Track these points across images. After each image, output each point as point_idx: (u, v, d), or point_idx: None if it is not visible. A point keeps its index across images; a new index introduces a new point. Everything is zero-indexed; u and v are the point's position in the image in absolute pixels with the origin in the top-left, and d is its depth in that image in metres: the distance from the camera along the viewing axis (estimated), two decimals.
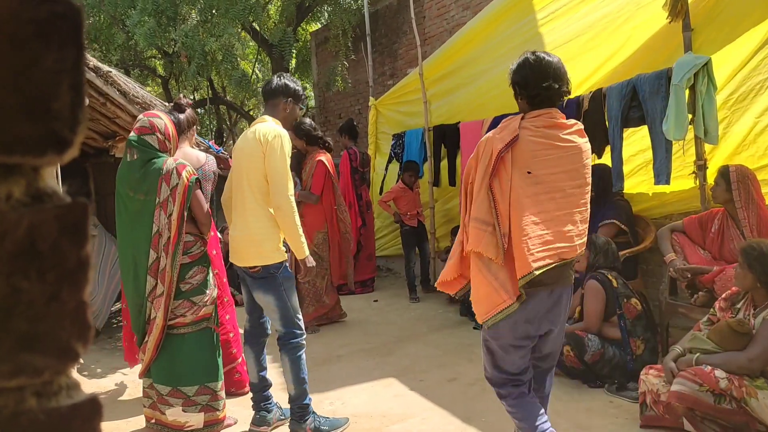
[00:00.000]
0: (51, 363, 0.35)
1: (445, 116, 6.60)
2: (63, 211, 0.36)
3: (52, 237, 0.35)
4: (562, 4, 5.05)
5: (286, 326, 3.22)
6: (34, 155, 0.35)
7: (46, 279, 0.35)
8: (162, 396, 3.14)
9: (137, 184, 3.07)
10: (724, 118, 4.13)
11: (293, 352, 3.24)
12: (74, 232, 0.36)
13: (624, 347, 3.68)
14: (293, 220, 3.09)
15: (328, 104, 10.98)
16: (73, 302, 0.36)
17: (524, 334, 2.39)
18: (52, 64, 0.35)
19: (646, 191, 4.68)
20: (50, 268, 0.35)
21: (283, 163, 3.10)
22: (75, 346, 0.36)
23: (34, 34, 0.34)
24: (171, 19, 8.63)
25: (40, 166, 0.36)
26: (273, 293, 3.17)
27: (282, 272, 3.18)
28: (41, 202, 0.35)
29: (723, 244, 3.81)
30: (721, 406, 2.75)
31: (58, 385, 0.37)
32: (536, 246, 2.26)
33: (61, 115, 0.35)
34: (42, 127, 0.35)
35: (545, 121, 2.36)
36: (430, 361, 4.45)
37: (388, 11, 9.14)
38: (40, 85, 0.34)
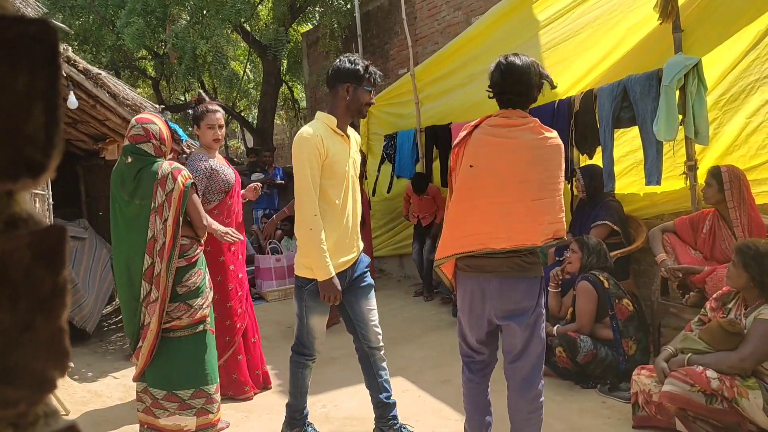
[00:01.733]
0: (26, 394, 0.34)
1: (437, 117, 6.61)
2: (38, 237, 0.35)
3: (25, 264, 0.34)
4: (558, 8, 5.06)
5: (298, 338, 3.12)
6: (6, 181, 0.34)
7: (19, 307, 0.34)
8: (157, 400, 3.12)
9: (133, 188, 3.04)
10: (715, 119, 4.15)
11: (294, 365, 3.17)
12: (50, 258, 0.35)
13: (616, 348, 3.69)
14: (307, 239, 2.80)
15: (319, 105, 10.94)
16: (48, 330, 0.35)
17: (470, 309, 2.60)
18: (24, 87, 0.34)
19: (638, 192, 4.69)
20: (23, 296, 0.34)
21: (300, 173, 2.79)
22: (51, 375, 0.35)
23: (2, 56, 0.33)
24: (160, 20, 8.58)
25: (13, 191, 0.35)
26: (297, 302, 3.04)
27: (308, 289, 2.95)
28: (15, 227, 0.34)
29: (714, 244, 3.83)
30: (713, 406, 2.76)
31: (35, 414, 0.36)
32: (457, 235, 2.50)
33: (34, 138, 0.34)
34: (13, 152, 0.34)
35: (498, 121, 2.49)
36: (424, 362, 4.44)
37: (379, 12, 9.13)
38: (10, 108, 0.33)
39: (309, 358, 3.15)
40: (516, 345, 2.54)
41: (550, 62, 5.19)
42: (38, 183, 0.36)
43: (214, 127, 3.80)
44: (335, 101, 2.93)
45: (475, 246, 2.46)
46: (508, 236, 2.43)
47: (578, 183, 4.63)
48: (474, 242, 2.46)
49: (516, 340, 2.53)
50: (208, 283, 3.26)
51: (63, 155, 0.37)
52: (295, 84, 13.73)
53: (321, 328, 3.09)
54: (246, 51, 12.73)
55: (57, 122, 0.35)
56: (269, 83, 10.69)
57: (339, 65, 2.91)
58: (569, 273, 4.07)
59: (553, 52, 5.14)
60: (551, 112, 4.89)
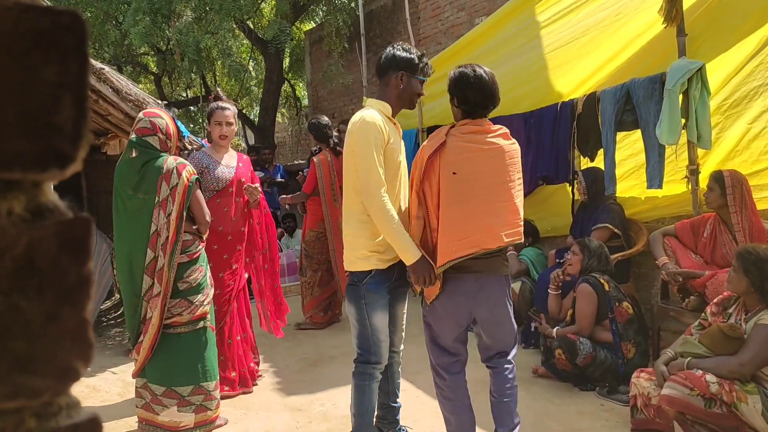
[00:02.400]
0: (50, 384, 0.35)
1: (439, 117, 6.61)
2: (64, 227, 0.35)
3: (52, 254, 0.34)
4: (560, 8, 5.06)
5: (360, 346, 2.85)
6: (34, 171, 0.34)
7: (46, 297, 0.34)
8: (156, 396, 3.12)
9: (137, 182, 3.04)
10: (718, 124, 4.15)
11: (360, 377, 2.87)
12: (76, 249, 0.35)
13: (615, 351, 3.69)
14: (387, 223, 2.62)
15: (321, 103, 10.96)
16: (73, 321, 0.35)
17: (454, 309, 2.73)
18: (54, 77, 0.34)
19: (639, 195, 4.69)
20: (49, 286, 0.34)
21: (366, 152, 2.63)
22: (75, 365, 0.35)
23: (34, 46, 0.33)
24: (165, 17, 8.59)
25: (41, 182, 0.35)
26: (354, 304, 2.80)
27: (367, 284, 2.76)
28: (42, 218, 0.34)
29: (715, 249, 3.83)
30: (712, 410, 2.76)
31: (58, 405, 0.36)
32: (455, 239, 2.59)
33: (63, 129, 0.34)
34: (42, 142, 0.34)
35: (471, 128, 2.66)
36: (421, 362, 4.43)
37: (382, 11, 9.13)
38: (41, 98, 0.33)
39: (377, 367, 2.86)
40: (494, 337, 2.80)
41: (553, 64, 5.20)
42: (65, 174, 0.36)
43: (221, 123, 3.83)
44: (387, 89, 2.83)
45: (474, 248, 2.58)
46: (500, 235, 2.60)
47: (580, 185, 4.63)
48: (471, 245, 2.58)
49: (494, 333, 2.77)
50: (209, 280, 3.26)
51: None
52: (297, 82, 13.74)
53: (385, 327, 2.84)
54: (248, 48, 12.73)
55: (85, 113, 0.35)
56: (271, 81, 10.68)
57: (394, 53, 2.81)
58: (569, 275, 4.07)
59: (556, 54, 5.14)
60: (554, 114, 4.89)
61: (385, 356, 2.88)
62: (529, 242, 5.13)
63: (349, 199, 2.77)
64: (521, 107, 5.36)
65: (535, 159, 5.09)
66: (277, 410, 3.73)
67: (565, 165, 4.81)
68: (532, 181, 5.18)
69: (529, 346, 4.56)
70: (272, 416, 3.64)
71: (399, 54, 2.80)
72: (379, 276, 2.77)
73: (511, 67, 5.59)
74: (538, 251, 5.08)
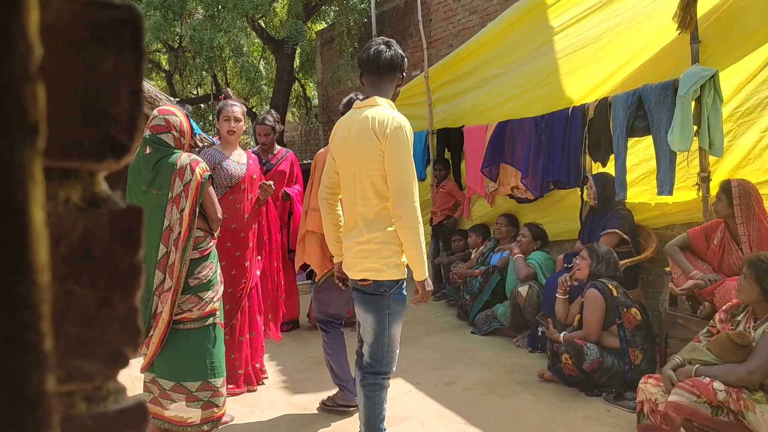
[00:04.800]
0: (101, 368, 0.35)
1: (449, 120, 6.62)
2: (117, 216, 0.35)
3: (106, 242, 0.35)
4: (574, 14, 5.06)
5: (373, 356, 2.74)
6: (91, 160, 0.35)
7: (99, 284, 0.35)
8: (165, 391, 3.14)
9: (151, 178, 3.06)
10: (730, 131, 4.13)
11: (370, 388, 2.76)
12: (127, 238, 0.36)
13: (623, 357, 3.68)
14: (417, 234, 2.55)
15: (331, 104, 10.97)
16: (124, 307, 0.36)
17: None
18: (111, 69, 0.34)
19: (649, 201, 4.68)
20: (103, 273, 0.35)
21: (408, 162, 2.54)
22: (125, 351, 0.36)
23: (92, 38, 0.34)
24: (177, 14, 8.63)
25: (96, 171, 0.36)
26: (375, 314, 2.69)
27: (394, 293, 2.68)
28: (96, 207, 0.35)
29: (723, 257, 3.80)
30: (719, 418, 2.75)
31: (107, 390, 0.37)
32: None
33: (120, 120, 0.35)
34: (100, 132, 0.35)
35: None
36: (427, 364, 4.45)
37: (394, 13, 9.14)
38: (98, 89, 0.34)
39: (387, 377, 2.79)
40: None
41: (565, 69, 5.19)
42: (120, 164, 0.37)
43: (230, 119, 3.86)
44: (388, 88, 2.73)
45: None
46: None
47: (590, 190, 4.62)
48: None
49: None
50: (219, 276, 3.28)
51: None
52: (308, 82, 13.76)
53: (398, 339, 2.81)
54: (260, 47, 12.78)
55: (140, 105, 0.36)
56: (282, 80, 10.71)
57: (399, 52, 2.72)
58: (577, 280, 4.06)
59: (569, 59, 5.14)
60: (565, 118, 4.89)
61: (394, 366, 2.82)
62: (537, 246, 5.13)
63: (369, 205, 2.62)
64: (532, 111, 5.36)
65: (545, 163, 5.09)
66: (283, 408, 3.74)
67: (576, 170, 4.80)
68: (542, 185, 5.17)
69: (535, 350, 4.56)
70: (278, 413, 3.65)
71: (401, 54, 2.74)
72: (403, 285, 2.73)
73: (523, 72, 5.59)
74: (546, 255, 5.08)
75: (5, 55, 0.26)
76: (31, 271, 0.27)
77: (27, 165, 0.27)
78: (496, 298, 5.24)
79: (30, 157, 0.27)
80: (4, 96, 0.26)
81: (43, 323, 0.28)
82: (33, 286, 0.27)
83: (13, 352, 0.27)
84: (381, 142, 2.55)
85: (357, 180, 2.64)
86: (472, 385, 3.96)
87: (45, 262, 0.28)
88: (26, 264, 0.27)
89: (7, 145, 0.26)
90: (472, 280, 5.50)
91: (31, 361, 0.27)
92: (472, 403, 3.68)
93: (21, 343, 0.27)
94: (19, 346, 0.27)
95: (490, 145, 5.67)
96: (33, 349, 0.27)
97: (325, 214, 2.93)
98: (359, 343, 2.92)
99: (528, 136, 5.30)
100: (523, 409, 3.56)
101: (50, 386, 0.28)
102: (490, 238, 5.92)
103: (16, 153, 0.27)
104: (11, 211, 0.26)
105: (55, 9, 0.31)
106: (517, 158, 5.44)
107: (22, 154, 0.27)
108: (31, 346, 0.27)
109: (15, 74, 0.26)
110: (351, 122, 2.70)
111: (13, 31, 0.26)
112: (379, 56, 2.67)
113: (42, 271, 0.28)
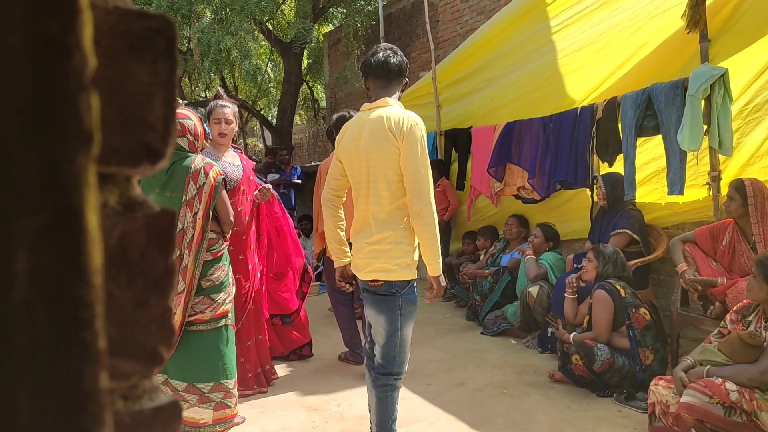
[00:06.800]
0: (138, 367, 0.36)
1: (456, 120, 6.63)
2: (152, 219, 0.37)
3: (142, 245, 0.36)
4: (575, 11, 5.06)
5: (385, 356, 2.73)
6: (128, 165, 0.36)
7: (135, 286, 0.36)
8: (178, 392, 3.16)
9: (165, 181, 3.09)
10: (738, 129, 4.11)
11: (383, 390, 2.75)
12: (162, 240, 0.37)
13: (633, 357, 3.67)
14: (434, 231, 2.61)
15: (339, 106, 11.00)
16: (159, 308, 0.37)
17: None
18: (146, 78, 0.36)
19: (659, 200, 4.66)
20: (139, 275, 0.36)
21: (426, 160, 2.59)
22: (160, 350, 0.37)
23: (128, 48, 0.35)
24: (185, 17, 8.68)
25: (132, 176, 0.37)
26: (386, 315, 2.69)
27: (406, 294, 2.69)
28: (133, 210, 0.36)
29: (733, 257, 3.79)
30: (731, 419, 2.74)
31: (143, 388, 0.38)
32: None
33: (155, 127, 0.36)
34: (136, 139, 0.36)
35: None
36: (437, 365, 4.45)
37: (401, 14, 9.16)
38: (135, 97, 0.35)
39: (399, 378, 2.79)
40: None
41: (569, 68, 5.19)
42: (155, 169, 0.38)
43: (220, 121, 3.72)
44: (395, 91, 2.77)
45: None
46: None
47: (599, 191, 4.61)
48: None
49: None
50: (231, 278, 3.30)
51: None
52: (316, 84, 13.80)
53: (410, 340, 2.81)
54: (268, 50, 12.82)
55: (173, 112, 0.37)
56: (290, 82, 10.75)
57: (404, 59, 2.77)
58: (585, 281, 4.06)
59: (572, 58, 5.14)
60: (573, 118, 4.89)
61: (406, 367, 2.82)
62: (550, 246, 5.12)
63: (381, 204, 2.64)
64: (538, 111, 5.36)
65: (553, 163, 5.08)
66: (294, 409, 3.76)
67: (584, 170, 4.80)
68: (549, 186, 5.17)
69: (545, 351, 4.55)
70: (289, 415, 3.66)
71: (406, 60, 2.79)
72: (414, 285, 2.74)
73: (527, 71, 5.59)
74: (558, 256, 5.07)
75: (63, 66, 0.27)
76: (87, 273, 0.29)
77: (83, 171, 0.28)
78: (506, 299, 5.24)
79: (85, 164, 0.28)
80: (62, 106, 0.27)
81: (98, 322, 0.29)
82: (89, 287, 0.29)
83: (71, 350, 0.28)
84: (398, 140, 2.57)
85: (371, 179, 2.65)
86: (482, 386, 3.96)
87: (99, 264, 0.30)
88: (83, 266, 0.28)
89: (65, 153, 0.27)
90: (482, 280, 5.49)
91: (87, 359, 0.28)
92: (482, 404, 3.68)
93: (77, 342, 0.28)
94: (76, 345, 0.28)
95: (497, 146, 5.67)
96: (88, 347, 0.28)
97: (328, 217, 2.93)
98: (369, 344, 2.93)
99: (536, 136, 5.30)
100: (534, 410, 3.55)
101: (104, 383, 0.29)
102: (499, 239, 5.92)
103: (73, 160, 0.28)
104: (69, 216, 0.27)
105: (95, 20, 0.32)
106: (524, 158, 5.44)
107: (79, 162, 0.28)
108: (86, 344, 0.28)
109: (72, 85, 0.27)
110: (361, 124, 2.72)
111: (69, 43, 0.27)
112: (388, 61, 2.72)
113: (96, 272, 0.29)
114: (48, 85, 0.27)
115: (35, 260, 0.27)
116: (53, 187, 0.27)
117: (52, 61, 0.27)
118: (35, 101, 0.26)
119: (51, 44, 0.27)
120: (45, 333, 0.27)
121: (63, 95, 0.27)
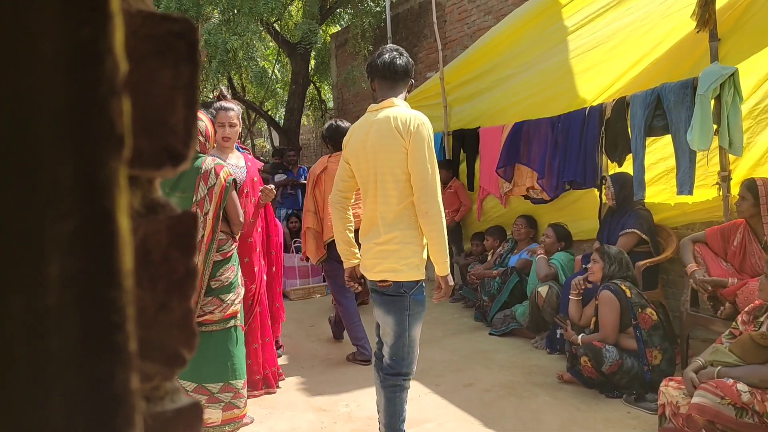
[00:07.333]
0: (160, 369, 0.37)
1: (465, 121, 6.62)
2: (174, 222, 0.37)
3: (164, 247, 0.36)
4: (590, 12, 5.04)
5: (394, 357, 2.74)
6: (151, 168, 0.36)
7: (158, 288, 0.36)
8: (187, 392, 3.17)
9: (175, 181, 3.10)
10: (748, 128, 4.09)
11: (391, 390, 2.76)
12: (184, 243, 0.37)
13: (640, 357, 3.66)
14: (442, 230, 2.61)
15: (346, 106, 11.01)
16: (181, 310, 0.37)
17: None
18: (169, 81, 0.36)
19: (668, 200, 4.64)
20: (161, 277, 0.36)
21: (433, 159, 2.60)
22: (182, 352, 0.38)
23: (152, 51, 0.35)
24: (193, 18, 8.72)
25: (154, 179, 0.37)
26: (395, 315, 2.69)
27: (414, 294, 2.69)
28: (155, 213, 0.37)
29: (744, 257, 3.77)
30: (743, 420, 2.72)
31: (164, 390, 0.38)
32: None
33: (176, 130, 0.36)
34: (159, 142, 0.36)
35: (338, 156, 3.56)
36: (446, 365, 4.45)
37: (409, 15, 9.15)
38: (157, 100, 0.36)
39: (408, 378, 2.80)
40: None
41: (579, 68, 5.17)
42: (176, 171, 0.38)
43: (224, 125, 3.68)
44: (401, 92, 2.78)
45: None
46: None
47: (608, 191, 4.59)
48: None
49: None
50: (240, 279, 3.31)
51: None
52: (323, 85, 13.81)
53: (418, 340, 2.81)
54: (275, 51, 12.85)
55: (194, 115, 0.37)
56: (297, 83, 10.77)
57: (410, 60, 2.79)
58: (591, 282, 4.04)
59: (583, 58, 5.12)
60: (582, 118, 4.87)
61: (415, 367, 2.82)
62: (562, 246, 5.10)
63: (390, 204, 2.64)
64: (547, 111, 5.34)
65: (561, 163, 5.07)
66: (302, 410, 3.76)
67: (592, 170, 4.78)
68: (558, 186, 5.15)
69: (554, 352, 4.54)
70: (297, 416, 3.67)
71: (411, 61, 2.80)
72: (422, 285, 2.74)
73: (537, 71, 5.57)
74: (570, 256, 5.04)
75: (95, 71, 0.27)
76: (119, 276, 0.29)
77: (115, 175, 0.28)
78: (515, 299, 5.23)
79: (117, 167, 0.29)
80: (95, 110, 0.27)
81: (129, 325, 0.29)
82: (120, 290, 0.29)
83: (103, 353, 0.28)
84: (405, 140, 2.58)
85: (379, 180, 2.66)
86: (490, 386, 3.95)
87: (130, 266, 0.30)
88: (115, 269, 0.29)
89: (98, 157, 0.27)
90: (491, 281, 5.48)
91: (118, 361, 0.28)
92: (490, 404, 3.67)
93: (109, 345, 0.28)
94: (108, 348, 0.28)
95: (505, 146, 5.66)
96: (120, 350, 0.29)
97: (336, 219, 2.94)
98: (378, 345, 2.93)
99: (544, 137, 5.28)
100: (543, 411, 3.54)
101: (134, 385, 0.29)
102: (507, 239, 5.91)
103: (105, 164, 0.28)
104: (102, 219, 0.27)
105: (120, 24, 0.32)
106: (533, 159, 5.43)
107: (111, 165, 0.28)
108: (118, 347, 0.29)
109: (104, 90, 0.27)
110: (368, 124, 2.73)
111: (102, 49, 0.27)
112: (394, 62, 2.73)
113: (128, 275, 0.29)
114: (81, 90, 0.27)
115: (68, 264, 0.27)
116: (86, 190, 0.27)
117: (85, 66, 0.27)
118: (69, 106, 0.27)
119: (83, 50, 0.27)
120: (77, 336, 0.27)
121: (96, 100, 0.28)
